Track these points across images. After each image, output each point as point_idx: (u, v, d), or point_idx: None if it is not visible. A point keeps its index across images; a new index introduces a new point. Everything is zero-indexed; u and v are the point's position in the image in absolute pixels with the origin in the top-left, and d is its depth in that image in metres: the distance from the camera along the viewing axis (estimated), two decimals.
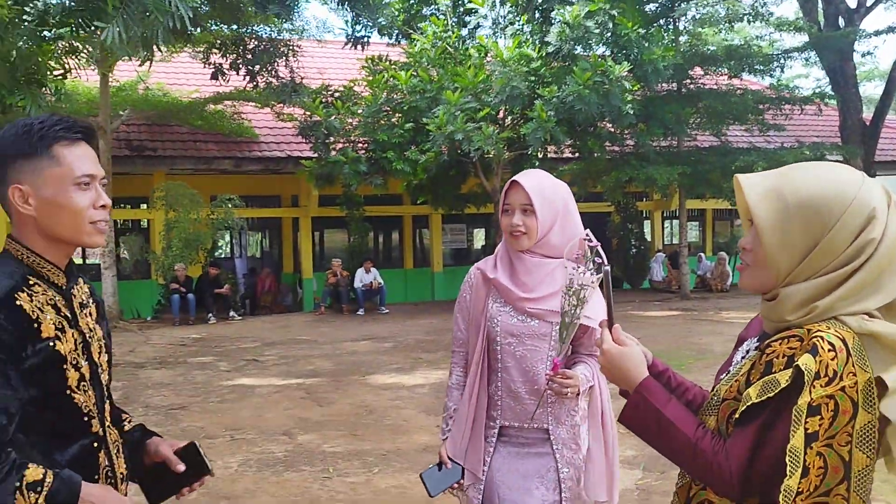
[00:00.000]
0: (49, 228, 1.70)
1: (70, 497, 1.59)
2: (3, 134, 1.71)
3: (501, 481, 2.59)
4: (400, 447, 6.11)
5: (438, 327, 13.10)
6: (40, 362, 1.62)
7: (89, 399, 1.73)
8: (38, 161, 1.68)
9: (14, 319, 1.59)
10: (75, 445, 1.70)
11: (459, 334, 2.75)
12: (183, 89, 16.82)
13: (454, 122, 12.30)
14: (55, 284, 1.74)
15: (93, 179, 1.73)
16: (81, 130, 1.73)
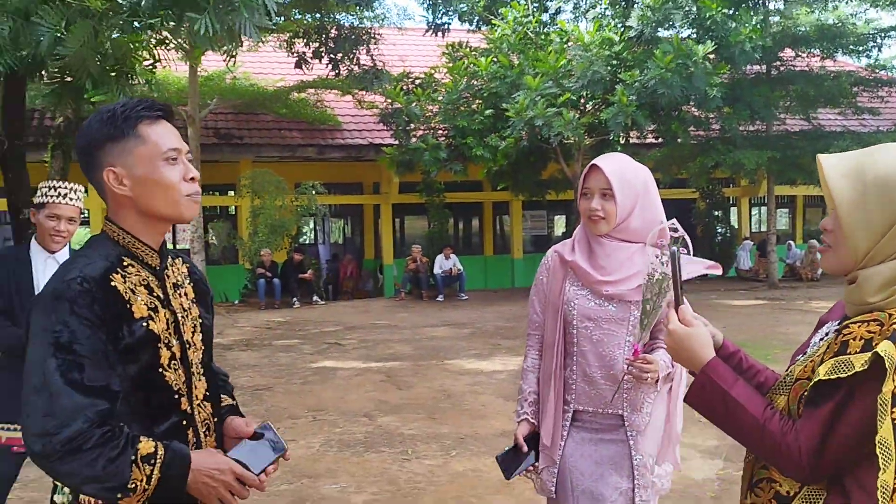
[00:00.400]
0: (146, 206, 1.76)
1: (182, 468, 1.65)
2: (90, 122, 1.76)
3: (574, 466, 2.58)
4: (477, 431, 6.16)
5: (518, 314, 13.09)
6: (135, 342, 1.68)
7: (179, 378, 1.79)
8: (126, 142, 1.73)
9: (109, 300, 1.66)
10: (166, 422, 1.76)
11: (535, 317, 2.74)
12: (268, 78, 17.18)
13: (534, 107, 12.25)
14: (148, 265, 1.80)
15: (179, 153, 1.78)
16: (161, 109, 1.79)
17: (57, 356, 1.58)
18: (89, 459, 1.55)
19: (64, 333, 1.59)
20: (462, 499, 4.76)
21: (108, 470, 1.56)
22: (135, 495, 1.60)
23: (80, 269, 1.66)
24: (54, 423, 1.55)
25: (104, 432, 1.58)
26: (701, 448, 5.54)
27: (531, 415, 2.69)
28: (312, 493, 4.87)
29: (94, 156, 1.75)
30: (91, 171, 1.77)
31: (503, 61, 13.55)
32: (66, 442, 1.54)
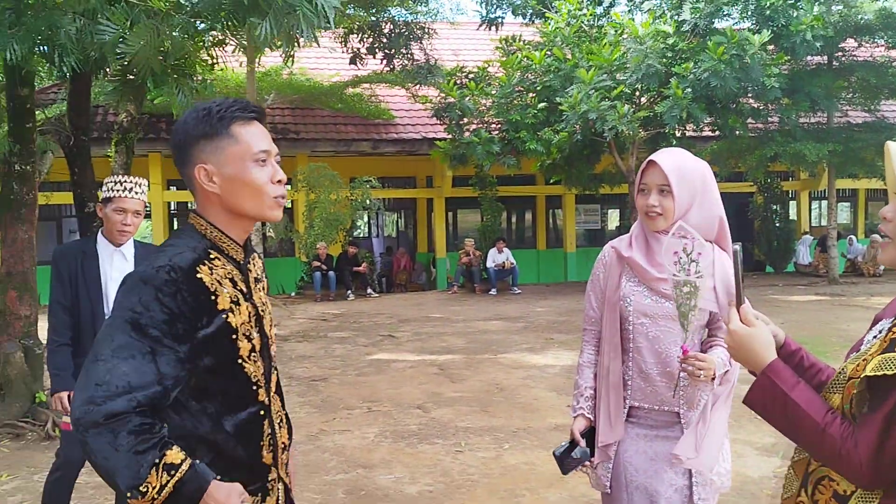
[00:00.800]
0: (233, 205, 1.81)
1: (197, 491, 1.64)
2: (185, 119, 1.81)
3: (629, 462, 2.58)
4: (530, 425, 6.18)
5: (571, 308, 13.05)
6: (214, 332, 1.73)
7: (258, 370, 1.84)
8: (219, 141, 1.78)
9: (193, 291, 1.70)
10: (244, 413, 1.81)
11: (591, 313, 2.75)
12: (324, 73, 17.39)
13: (588, 101, 12.18)
14: (233, 259, 1.84)
15: (269, 156, 1.82)
16: (255, 111, 1.83)
17: (130, 334, 1.63)
18: (118, 443, 1.57)
19: (143, 316, 1.64)
20: (515, 492, 4.79)
21: (129, 461, 1.58)
22: (143, 499, 1.59)
23: (169, 258, 1.71)
24: (103, 394, 1.59)
25: (143, 422, 1.61)
26: (757, 445, 5.48)
27: (587, 410, 2.69)
28: (367, 483, 4.96)
29: (187, 152, 1.81)
30: (183, 165, 1.83)
31: (557, 54, 13.49)
32: (106, 415, 1.57)
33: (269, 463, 1.88)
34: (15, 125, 6.68)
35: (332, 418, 6.51)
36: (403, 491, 4.83)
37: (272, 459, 1.89)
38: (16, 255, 6.58)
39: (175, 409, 1.73)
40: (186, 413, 1.74)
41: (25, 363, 6.40)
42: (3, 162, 6.73)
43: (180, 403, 1.73)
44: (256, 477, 1.84)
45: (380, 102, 17.24)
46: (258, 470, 1.85)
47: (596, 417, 2.67)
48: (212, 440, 1.76)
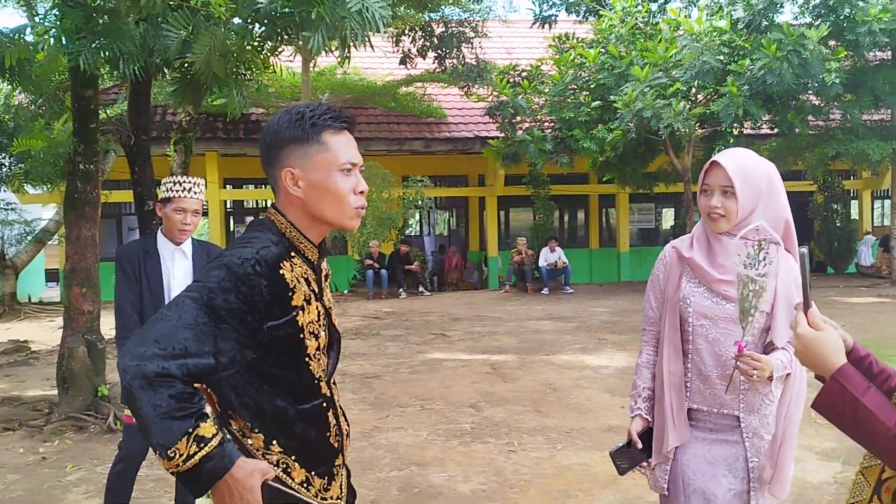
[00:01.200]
0: (314, 210, 1.84)
1: (219, 470, 1.66)
2: (278, 121, 1.85)
3: (688, 465, 2.55)
4: (584, 426, 6.14)
5: (624, 308, 12.93)
6: (282, 326, 1.77)
7: (320, 366, 1.88)
8: (309, 147, 1.82)
9: (273, 286, 1.74)
10: (310, 403, 1.87)
11: (651, 313, 2.71)
12: (377, 72, 17.49)
13: (643, 98, 12.04)
14: (308, 259, 1.88)
15: (354, 167, 1.86)
16: (346, 120, 1.87)
17: (201, 309, 1.68)
18: (157, 402, 1.61)
19: (218, 298, 1.69)
20: (568, 492, 4.77)
21: (164, 424, 1.61)
22: (168, 462, 1.63)
23: (256, 250, 1.75)
24: (158, 352, 1.63)
25: (185, 390, 1.65)
26: (817, 450, 5.36)
27: (645, 411, 2.67)
28: (421, 481, 4.98)
29: (275, 154, 1.84)
30: (270, 166, 1.87)
31: (612, 52, 13.36)
32: (156, 373, 1.61)
33: (337, 447, 1.94)
34: (79, 125, 6.85)
35: (385, 415, 6.56)
36: (456, 489, 4.84)
37: (338, 445, 1.95)
38: (79, 251, 6.76)
39: (251, 390, 1.79)
40: (261, 396, 1.80)
41: (88, 357, 6.56)
42: (68, 161, 6.92)
43: (254, 387, 1.79)
44: (325, 460, 1.91)
45: (432, 101, 17.28)
46: (327, 453, 1.91)
47: (654, 418, 2.65)
48: (285, 422, 1.83)
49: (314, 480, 1.86)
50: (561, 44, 15.37)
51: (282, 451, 1.82)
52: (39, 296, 19.59)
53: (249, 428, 1.81)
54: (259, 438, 1.81)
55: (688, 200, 14.35)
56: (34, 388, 8.00)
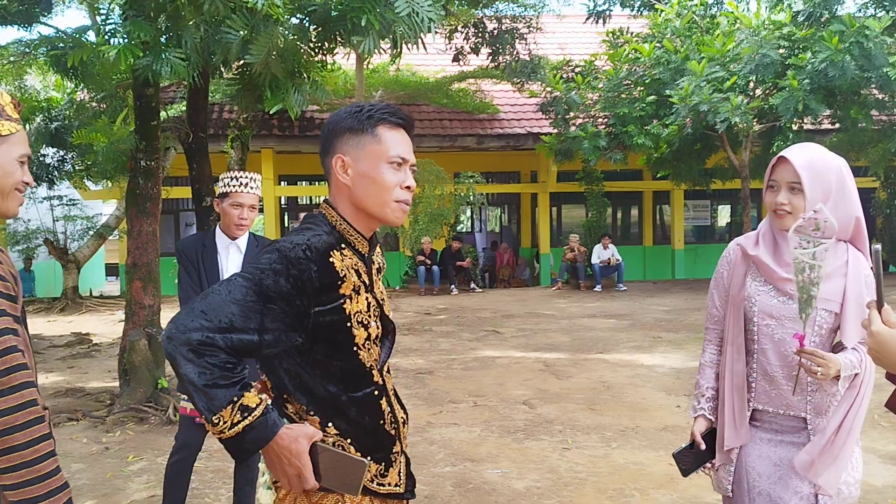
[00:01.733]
0: (359, 200, 1.89)
1: (262, 440, 1.71)
2: (339, 112, 1.92)
3: (752, 467, 2.50)
4: (639, 425, 6.07)
5: (679, 307, 12.75)
6: (328, 312, 1.81)
7: (370, 356, 1.90)
8: (362, 136, 1.87)
9: (322, 272, 1.78)
10: (362, 391, 1.89)
11: (714, 311, 2.66)
12: (430, 69, 17.52)
13: (699, 93, 11.83)
14: (358, 251, 1.92)
15: (404, 162, 1.89)
16: (404, 119, 1.92)
17: (251, 289, 1.72)
18: (202, 370, 1.65)
19: (269, 279, 1.73)
20: (624, 491, 4.72)
21: (210, 392, 1.65)
22: (213, 428, 1.68)
23: (308, 238, 1.80)
24: (205, 324, 1.67)
25: (229, 360, 1.68)
26: (881, 453, 5.22)
27: (708, 411, 2.62)
28: (475, 477, 4.98)
29: (331, 141, 1.91)
30: (325, 154, 1.93)
31: (668, 46, 13.15)
32: (200, 342, 1.65)
33: (392, 434, 1.96)
34: (140, 123, 7.01)
35: (438, 411, 6.57)
36: (511, 486, 4.82)
37: (394, 433, 1.97)
38: (141, 246, 6.91)
39: (304, 374, 1.84)
40: (313, 381, 1.84)
41: (149, 350, 6.71)
42: (130, 158, 7.07)
43: (306, 371, 1.84)
44: (380, 446, 1.92)
45: (485, 97, 17.25)
46: (382, 439, 1.93)
47: (717, 419, 2.60)
48: (338, 407, 1.86)
49: (370, 465, 1.88)
50: (615, 39, 15.18)
51: (337, 433, 1.85)
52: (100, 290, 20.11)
53: (305, 411, 1.85)
54: (315, 421, 1.84)
55: (745, 197, 14.08)
56: (96, 379, 8.21)
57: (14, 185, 1.83)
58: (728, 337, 2.56)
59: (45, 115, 11.65)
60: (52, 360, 9.43)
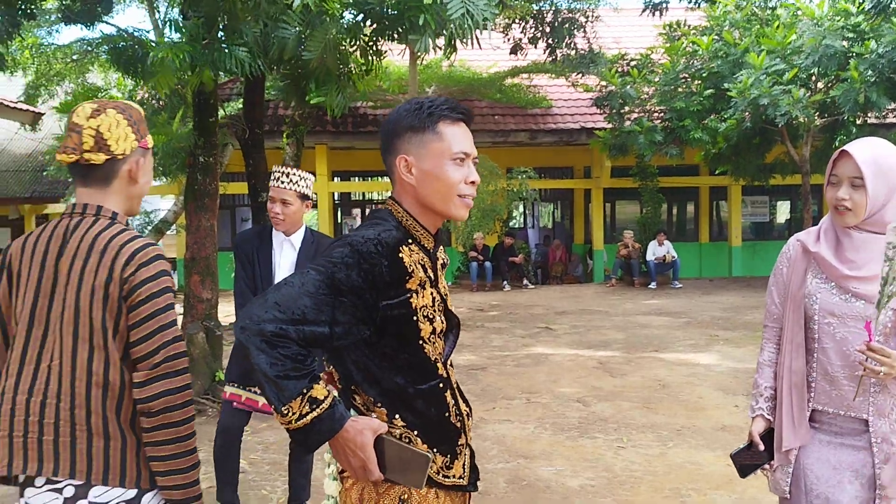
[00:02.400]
0: (424, 197, 1.90)
1: (329, 431, 1.74)
2: (398, 110, 1.92)
3: (810, 469, 2.43)
4: (695, 424, 5.97)
5: (736, 304, 12.52)
6: (396, 306, 1.82)
7: (436, 349, 1.92)
8: (424, 135, 1.87)
9: (392, 267, 1.80)
10: (427, 383, 1.90)
11: (773, 308, 2.59)
12: (483, 64, 17.48)
13: (759, 86, 11.57)
14: (424, 246, 1.93)
15: (467, 157, 1.90)
16: (463, 112, 1.92)
17: (323, 282, 1.74)
18: (274, 361, 1.67)
19: (341, 273, 1.75)
20: (680, 491, 4.64)
21: (281, 383, 1.67)
22: (281, 418, 1.70)
23: (379, 233, 1.82)
24: (279, 315, 1.69)
25: (300, 352, 1.70)
26: None
27: (767, 411, 2.56)
28: (528, 474, 4.96)
29: (393, 141, 1.91)
30: (387, 153, 1.93)
31: (728, 38, 12.88)
32: (274, 334, 1.68)
33: (458, 427, 1.96)
34: (199, 119, 7.13)
35: (492, 407, 6.56)
36: (565, 484, 4.79)
37: (460, 425, 1.97)
38: (199, 241, 7.03)
39: (371, 366, 1.86)
40: (381, 372, 1.86)
41: (206, 343, 6.83)
42: (189, 154, 7.20)
43: (374, 363, 1.86)
44: (446, 438, 1.93)
45: (538, 92, 17.15)
46: (448, 431, 1.94)
47: (776, 419, 2.53)
48: (405, 399, 1.87)
49: (436, 457, 1.89)
50: (672, 32, 14.95)
51: (404, 425, 1.86)
52: None
53: (373, 402, 1.86)
54: (382, 413, 1.86)
55: (805, 193, 13.75)
56: None
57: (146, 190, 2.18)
58: (787, 335, 2.49)
59: None
60: None
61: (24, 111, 13.13)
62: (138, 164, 2.09)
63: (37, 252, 2.01)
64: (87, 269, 1.96)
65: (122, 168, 2.06)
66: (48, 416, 1.94)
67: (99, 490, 1.94)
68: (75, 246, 1.98)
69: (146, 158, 2.13)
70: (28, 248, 2.03)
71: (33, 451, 1.93)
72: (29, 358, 1.98)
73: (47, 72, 15.46)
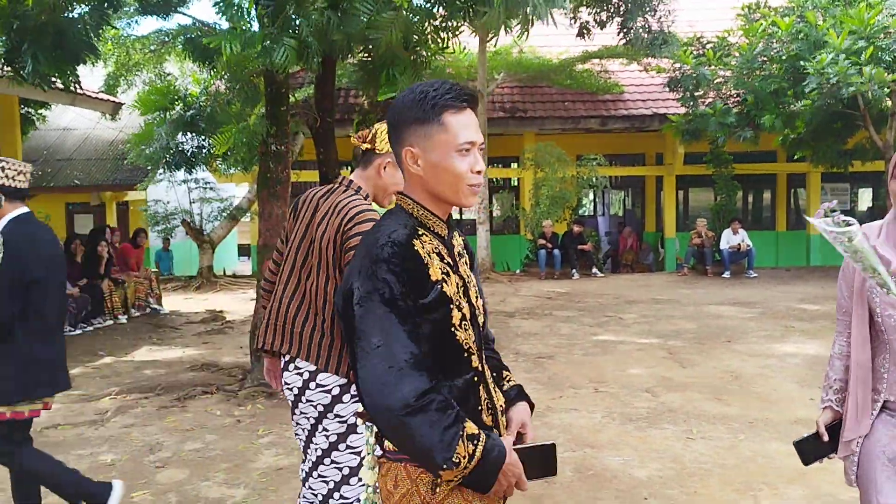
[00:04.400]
0: (432, 188, 1.91)
1: (499, 457, 1.73)
2: (402, 100, 1.91)
3: (878, 458, 2.41)
4: (769, 417, 5.83)
5: (814, 295, 12.15)
6: (431, 302, 1.82)
7: (469, 337, 1.90)
8: (430, 127, 1.86)
9: (413, 263, 1.81)
10: (460, 379, 1.88)
11: (843, 302, 2.58)
12: (553, 50, 17.30)
13: (840, 68, 11.14)
14: (438, 234, 1.94)
15: (473, 146, 1.88)
16: (467, 98, 1.89)
17: (387, 312, 1.74)
18: (432, 419, 1.67)
19: (387, 290, 1.75)
20: (751, 485, 4.55)
21: (444, 438, 1.67)
22: (455, 470, 1.68)
23: (387, 236, 1.82)
24: (398, 378, 1.69)
25: (443, 398, 1.71)
26: None
27: (835, 402, 2.59)
28: (595, 463, 4.92)
29: (399, 132, 1.91)
30: (395, 145, 1.95)
31: (810, 19, 12.41)
32: (416, 395, 1.67)
33: (490, 424, 1.93)
34: (271, 108, 7.24)
35: (558, 396, 6.52)
36: (632, 474, 4.74)
37: (492, 421, 1.95)
38: (271, 228, 7.16)
39: None
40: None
41: None
42: (261, 143, 7.33)
43: None
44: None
45: (609, 78, 16.90)
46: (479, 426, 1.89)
47: (844, 411, 2.53)
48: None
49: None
50: (751, 13, 14.50)
51: None
52: (233, 269, 21.03)
53: None
54: None
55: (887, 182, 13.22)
56: (229, 355, 8.60)
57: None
58: (853, 329, 2.49)
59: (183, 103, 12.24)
60: (189, 336, 9.96)
61: (105, 101, 13.55)
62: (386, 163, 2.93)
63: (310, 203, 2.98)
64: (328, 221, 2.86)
65: (376, 161, 2.96)
66: (300, 316, 2.88)
67: (324, 376, 2.82)
68: (325, 205, 2.91)
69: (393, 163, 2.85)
70: (305, 199, 3.04)
71: (288, 336, 2.89)
72: (293, 274, 2.95)
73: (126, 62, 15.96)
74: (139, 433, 5.77)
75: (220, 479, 4.81)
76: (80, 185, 16.79)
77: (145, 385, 7.10)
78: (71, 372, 7.78)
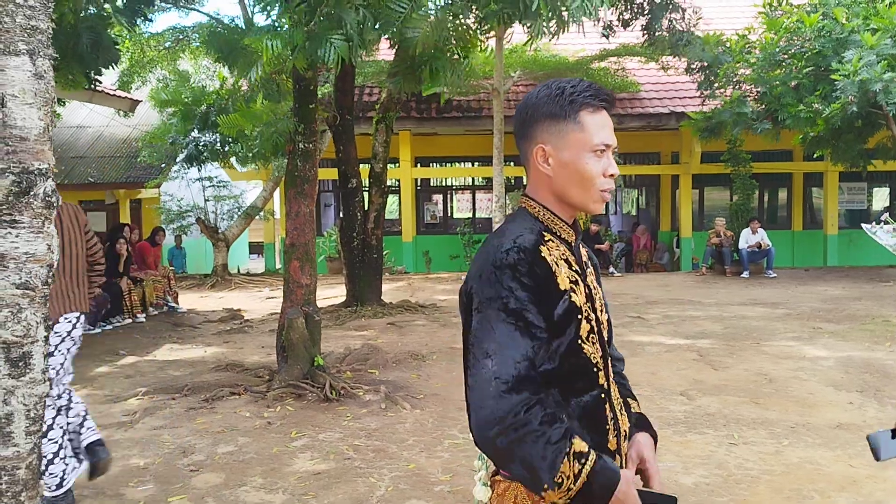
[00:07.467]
0: (561, 190, 1.78)
1: (608, 482, 1.60)
2: (536, 94, 1.79)
3: None
4: (809, 421, 5.72)
5: (837, 296, 12.02)
6: (563, 313, 1.68)
7: (597, 351, 1.77)
8: (565, 124, 1.74)
9: (541, 270, 1.68)
10: (586, 395, 1.74)
11: None
12: (569, 48, 17.19)
13: (870, 70, 10.99)
14: (565, 240, 1.81)
15: (608, 148, 1.76)
16: (606, 99, 1.77)
17: (506, 321, 1.61)
18: (535, 436, 1.54)
19: (511, 300, 1.62)
20: (802, 492, 4.44)
21: (547, 454, 1.54)
22: (558, 491, 1.56)
23: (513, 241, 1.69)
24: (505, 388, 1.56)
25: (547, 412, 1.57)
26: None
27: None
28: None
29: (529, 128, 1.79)
30: (523, 140, 1.82)
31: (837, 15, 12.25)
32: (523, 408, 1.54)
33: (613, 448, 1.79)
34: (299, 106, 7.14)
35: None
36: (678, 481, 4.63)
37: (616, 445, 1.80)
38: (298, 227, 7.07)
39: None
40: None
41: (305, 328, 6.87)
42: (288, 140, 7.23)
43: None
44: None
45: (626, 76, 16.78)
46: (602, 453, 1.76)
47: None
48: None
49: None
50: (772, 10, 14.37)
51: None
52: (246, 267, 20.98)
53: None
54: None
55: None
56: (252, 354, 8.51)
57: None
58: None
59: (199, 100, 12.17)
60: (209, 335, 9.87)
61: (122, 98, 13.49)
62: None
63: None
64: None
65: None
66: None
67: None
68: None
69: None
70: None
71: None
72: None
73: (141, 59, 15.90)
74: (170, 435, 5.69)
75: (258, 483, 4.71)
76: (94, 183, 16.73)
77: (171, 385, 7.01)
78: (95, 371, 7.75)
